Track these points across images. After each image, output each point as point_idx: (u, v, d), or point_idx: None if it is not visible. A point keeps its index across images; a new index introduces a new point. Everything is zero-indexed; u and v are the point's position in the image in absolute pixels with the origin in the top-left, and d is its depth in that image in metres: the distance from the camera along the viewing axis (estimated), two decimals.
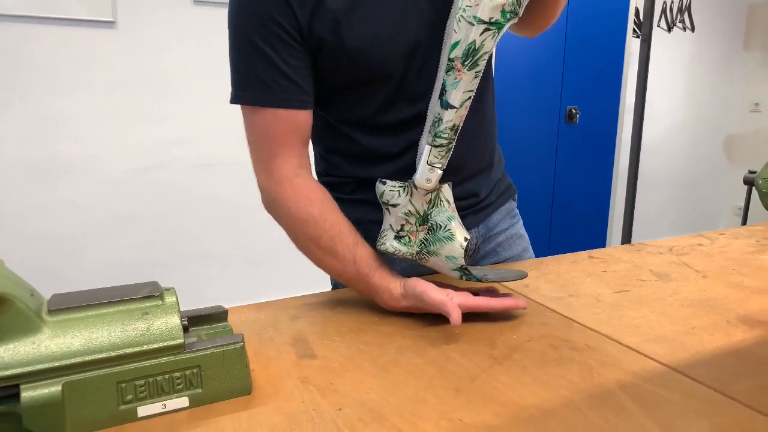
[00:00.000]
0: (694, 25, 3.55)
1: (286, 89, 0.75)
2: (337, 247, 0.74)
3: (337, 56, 0.76)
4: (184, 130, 2.43)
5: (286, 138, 0.77)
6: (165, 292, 0.53)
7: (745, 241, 1.14)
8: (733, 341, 0.67)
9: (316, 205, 0.76)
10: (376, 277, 0.74)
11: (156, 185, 2.43)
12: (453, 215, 0.72)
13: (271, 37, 0.73)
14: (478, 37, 0.65)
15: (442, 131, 0.69)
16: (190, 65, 2.38)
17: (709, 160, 4.14)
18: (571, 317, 0.74)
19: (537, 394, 0.55)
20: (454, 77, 0.66)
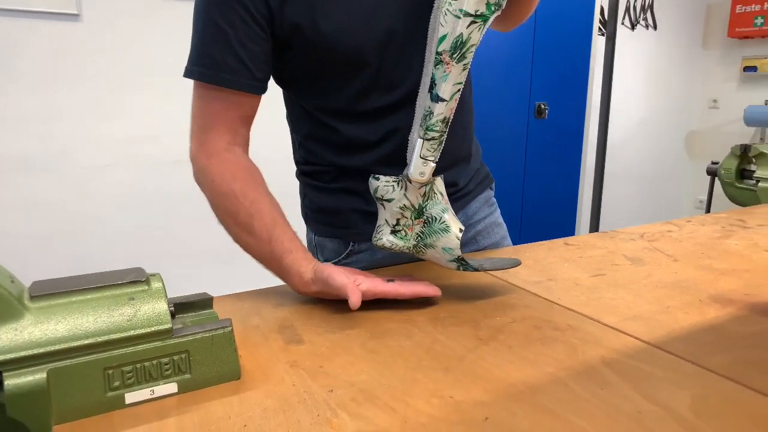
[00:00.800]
0: (656, 23, 3.65)
1: (235, 71, 0.75)
2: (253, 225, 0.73)
3: (312, 42, 0.75)
4: (153, 126, 2.38)
5: (224, 116, 0.77)
6: (151, 277, 0.52)
7: (711, 227, 1.18)
8: (706, 318, 0.70)
9: (239, 181, 0.75)
10: (288, 258, 0.72)
11: (124, 183, 2.37)
12: (447, 207, 0.73)
13: (234, 17, 0.73)
14: (465, 30, 0.66)
15: (433, 124, 0.69)
16: (158, 60, 2.33)
17: (671, 155, 4.26)
18: (552, 299, 0.76)
19: (524, 371, 0.56)
20: (443, 70, 0.67)
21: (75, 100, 2.21)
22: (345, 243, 0.88)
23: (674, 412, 0.49)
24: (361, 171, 0.85)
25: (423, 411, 0.49)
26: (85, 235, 2.34)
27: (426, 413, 0.48)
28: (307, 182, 0.91)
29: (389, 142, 0.83)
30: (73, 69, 2.18)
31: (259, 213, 0.73)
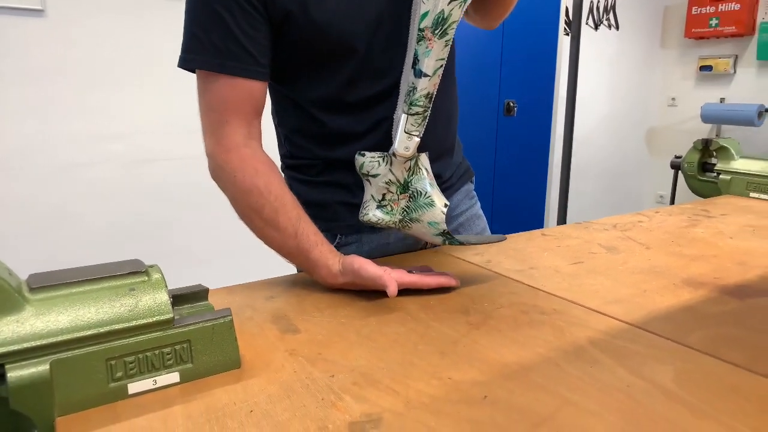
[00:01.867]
0: (618, 23, 3.76)
1: (240, 57, 0.74)
2: (279, 220, 0.74)
3: (303, 29, 0.76)
4: (123, 124, 2.33)
5: (238, 106, 0.76)
6: (150, 268, 0.52)
7: (678, 217, 1.23)
8: (681, 300, 0.73)
9: (262, 176, 0.75)
10: (315, 252, 0.74)
11: (92, 182, 2.31)
12: (432, 182, 0.75)
13: (232, 3, 0.72)
14: (446, 7, 0.67)
15: (417, 99, 0.71)
16: (125, 55, 2.28)
17: (633, 151, 4.40)
18: (536, 286, 0.78)
19: (516, 353, 0.58)
20: (426, 46, 0.69)
21: (39, 97, 2.15)
22: (332, 236, 0.89)
23: (660, 385, 0.52)
24: (348, 163, 0.86)
25: (424, 392, 0.50)
26: (47, 235, 2.27)
27: (427, 393, 0.50)
28: (293, 176, 0.91)
29: (377, 132, 0.84)
30: (37, 65, 2.11)
31: (283, 207, 0.74)
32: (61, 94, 2.19)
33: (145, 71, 2.34)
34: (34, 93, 2.14)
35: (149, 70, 2.34)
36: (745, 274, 0.84)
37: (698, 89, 4.12)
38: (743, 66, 3.84)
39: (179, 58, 0.77)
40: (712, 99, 4.02)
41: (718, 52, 3.95)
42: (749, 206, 1.37)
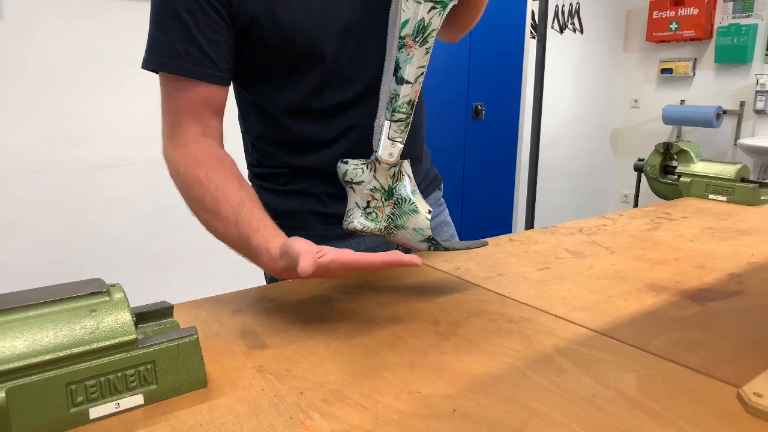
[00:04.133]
0: (582, 27, 3.84)
1: (199, 61, 0.74)
2: (220, 208, 0.70)
3: (269, 35, 0.75)
4: (80, 127, 2.27)
5: (193, 108, 0.76)
6: (111, 288, 0.51)
7: (641, 220, 1.26)
8: (644, 305, 0.75)
9: (204, 167, 0.73)
10: (257, 237, 0.67)
11: (49, 187, 2.24)
12: (415, 189, 0.75)
13: (194, 7, 0.72)
14: (426, 15, 0.68)
15: (399, 106, 0.71)
16: (85, 57, 2.22)
17: (598, 152, 4.49)
18: (504, 294, 0.79)
19: (485, 363, 0.59)
20: (407, 53, 0.69)
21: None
22: None
23: (623, 393, 0.53)
24: (316, 171, 0.86)
25: (393, 407, 0.50)
26: (6, 242, 2.20)
27: (396, 409, 0.50)
28: (260, 185, 0.90)
29: (345, 140, 0.84)
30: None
31: (224, 196, 0.70)
32: (18, 97, 2.12)
33: (104, 74, 2.28)
34: None
35: (108, 74, 2.29)
36: (704, 278, 0.87)
37: (660, 91, 4.23)
38: (702, 69, 3.97)
39: (143, 59, 0.76)
40: (673, 101, 4.14)
41: (678, 56, 4.07)
42: (708, 208, 1.41)
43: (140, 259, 2.50)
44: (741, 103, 3.77)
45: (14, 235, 2.21)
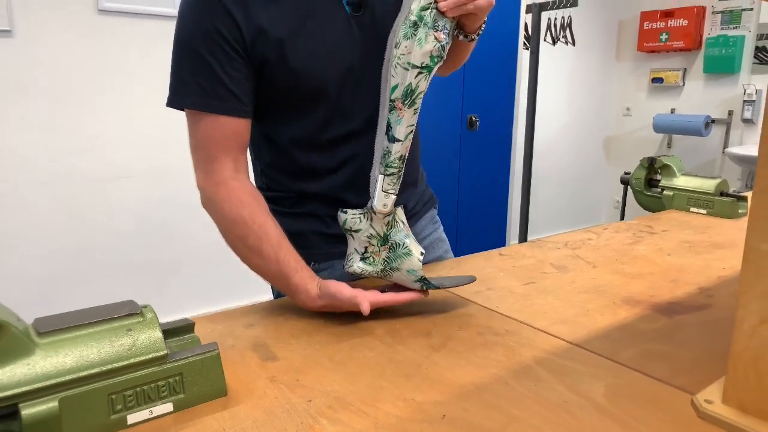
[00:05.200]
0: (574, 40, 3.93)
1: (225, 98, 0.81)
2: (262, 247, 0.80)
3: (280, 75, 0.83)
4: (86, 140, 2.34)
5: (224, 143, 0.83)
6: (144, 309, 0.58)
7: (624, 234, 1.34)
8: (618, 318, 0.83)
9: (246, 207, 0.82)
10: (296, 277, 0.80)
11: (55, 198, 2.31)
12: (408, 233, 0.82)
13: (216, 49, 0.79)
14: (414, 80, 0.75)
15: (392, 162, 0.78)
16: (91, 73, 2.29)
17: (591, 159, 4.58)
18: (491, 308, 0.87)
19: (472, 373, 0.66)
20: (397, 115, 0.76)
21: (4, 114, 2.14)
22: (307, 262, 0.96)
23: (592, 400, 0.60)
24: (320, 196, 0.94)
25: (391, 413, 0.58)
26: (20, 249, 2.26)
27: (394, 415, 0.57)
28: (269, 207, 0.98)
29: (347, 168, 0.92)
30: (4, 84, 2.11)
31: (266, 236, 0.80)
32: (27, 111, 2.19)
33: (108, 89, 2.36)
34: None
35: (112, 89, 2.36)
36: (675, 291, 0.94)
37: (651, 100, 4.32)
38: (691, 78, 4.06)
39: (168, 99, 0.83)
40: (663, 109, 4.23)
41: (668, 65, 4.16)
42: (688, 221, 1.49)
43: (143, 266, 2.57)
44: (729, 112, 3.86)
45: (22, 243, 2.27)
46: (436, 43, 0.76)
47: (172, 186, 2.46)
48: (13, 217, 2.24)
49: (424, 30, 0.76)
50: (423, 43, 0.76)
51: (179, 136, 2.56)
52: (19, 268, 2.27)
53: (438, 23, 0.77)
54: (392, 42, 0.78)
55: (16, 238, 2.25)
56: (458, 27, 0.83)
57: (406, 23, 0.77)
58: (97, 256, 2.44)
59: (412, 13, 0.77)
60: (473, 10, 0.77)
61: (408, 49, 0.76)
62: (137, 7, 2.30)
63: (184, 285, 2.69)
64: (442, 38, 0.77)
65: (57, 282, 2.35)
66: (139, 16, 2.32)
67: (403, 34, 0.76)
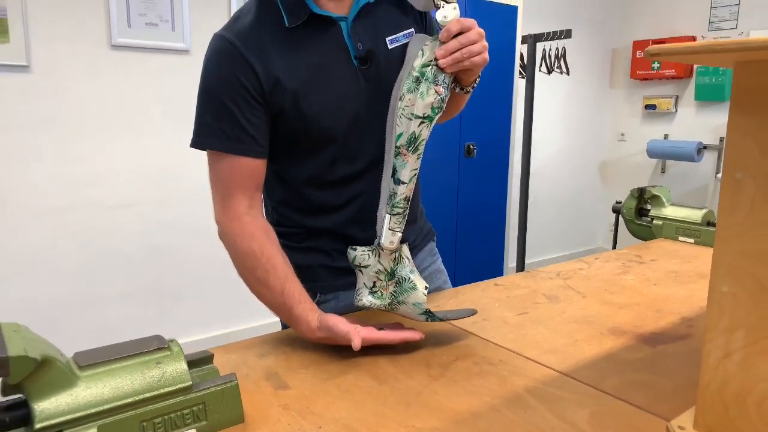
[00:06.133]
0: (569, 69, 4.04)
1: (245, 141, 0.89)
2: (269, 279, 0.87)
3: (294, 121, 0.91)
4: (100, 170, 2.41)
5: (241, 181, 0.91)
6: (170, 343, 0.64)
7: (614, 263, 1.40)
8: (604, 348, 0.89)
9: (257, 241, 0.89)
10: (299, 309, 0.86)
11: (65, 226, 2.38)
12: (413, 269, 0.88)
13: (237, 97, 0.87)
14: (417, 129, 0.83)
15: (397, 202, 0.85)
16: (104, 106, 2.38)
17: (587, 183, 4.67)
18: (486, 338, 0.93)
19: (467, 401, 0.72)
20: (402, 160, 0.84)
21: (22, 146, 2.22)
22: (313, 294, 1.02)
23: (577, 426, 0.66)
24: (327, 231, 1.00)
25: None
26: (36, 273, 2.32)
27: None
28: (280, 242, 1.04)
29: (352, 206, 0.99)
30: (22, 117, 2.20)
31: (273, 269, 0.87)
32: (41, 142, 2.27)
33: (120, 122, 2.44)
34: (16, 142, 2.21)
35: (124, 122, 2.45)
36: (659, 321, 1.01)
37: (644, 126, 4.42)
38: (683, 105, 4.16)
39: (192, 140, 0.91)
40: (657, 135, 4.32)
41: (661, 92, 4.27)
42: (677, 250, 1.55)
43: (150, 291, 2.62)
44: (721, 139, 3.95)
45: (33, 268, 2.33)
46: (436, 96, 0.84)
47: (179, 213, 2.54)
48: (25, 243, 2.30)
49: (425, 84, 0.84)
50: (425, 96, 0.83)
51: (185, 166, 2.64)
52: (30, 292, 2.32)
53: (438, 78, 0.84)
54: (397, 95, 0.86)
55: (28, 263, 2.31)
56: (455, 81, 0.91)
57: (409, 78, 0.84)
58: (106, 280, 2.50)
59: (415, 70, 0.84)
60: (469, 66, 0.85)
61: (411, 101, 0.83)
62: (148, 43, 2.40)
63: (190, 308, 2.75)
64: (442, 92, 0.84)
65: (67, 306, 2.41)
66: (150, 51, 2.42)
67: (406, 88, 0.84)
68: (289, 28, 0.89)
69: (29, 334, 0.58)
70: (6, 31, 2.06)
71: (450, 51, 0.83)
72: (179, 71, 2.50)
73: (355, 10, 0.92)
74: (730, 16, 3.87)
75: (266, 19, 0.89)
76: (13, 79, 2.14)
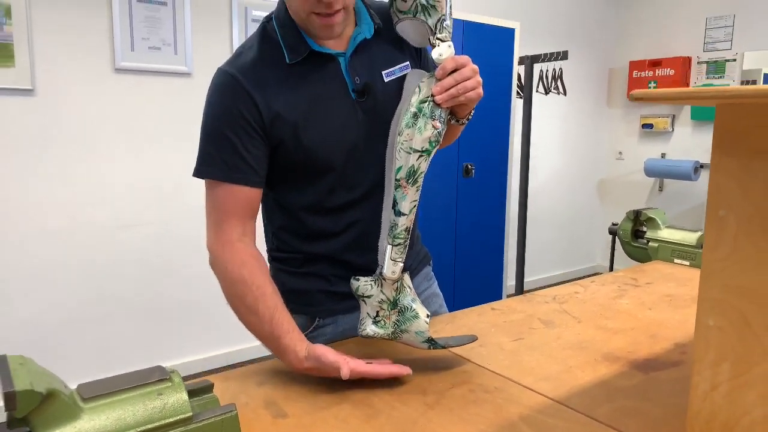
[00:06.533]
0: (566, 90, 4.09)
1: (244, 170, 0.91)
2: (258, 307, 0.87)
3: (293, 152, 0.94)
4: (101, 191, 2.44)
5: (237, 209, 0.93)
6: (172, 374, 0.66)
7: (609, 287, 1.42)
8: (598, 375, 0.90)
9: (248, 268, 0.90)
10: (287, 338, 0.85)
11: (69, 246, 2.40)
12: (415, 298, 0.90)
13: (238, 129, 0.90)
14: (415, 162, 0.85)
15: (398, 233, 0.87)
16: (106, 129, 2.41)
17: (586, 201, 4.69)
18: (482, 365, 0.94)
19: (463, 430, 0.73)
20: (402, 192, 0.86)
21: (17, 165, 2.25)
22: (312, 318, 1.04)
23: None
24: (326, 257, 1.03)
25: None
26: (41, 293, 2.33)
27: None
28: (278, 267, 1.06)
29: (350, 232, 1.02)
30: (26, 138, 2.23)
31: (263, 297, 0.88)
32: (45, 163, 2.30)
33: (123, 142, 2.48)
34: (21, 163, 2.24)
35: (126, 141, 2.48)
36: (653, 347, 1.02)
37: (642, 144, 4.46)
38: (680, 125, 4.21)
39: (195, 170, 0.94)
40: (654, 153, 4.36)
41: (657, 112, 4.32)
42: (673, 273, 1.57)
43: (151, 310, 2.63)
44: None
45: (36, 290, 2.35)
46: (433, 131, 0.87)
47: (179, 232, 2.56)
48: (29, 262, 2.32)
49: (423, 120, 0.86)
50: (423, 131, 0.86)
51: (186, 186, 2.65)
52: (32, 311, 2.33)
53: (435, 113, 0.87)
54: (395, 130, 0.89)
55: (30, 282, 2.33)
56: (451, 113, 0.94)
57: (407, 114, 0.87)
58: (108, 299, 2.51)
59: (413, 106, 0.87)
60: (464, 101, 0.88)
61: (410, 136, 0.86)
62: (151, 66, 2.44)
63: (191, 327, 2.75)
64: (439, 126, 0.87)
65: (69, 326, 2.42)
66: (152, 74, 2.46)
67: (405, 123, 0.87)
68: (289, 63, 0.92)
69: (34, 366, 0.60)
70: (11, 56, 2.10)
71: (446, 87, 0.86)
72: (181, 93, 2.54)
73: (352, 47, 0.96)
74: (725, 38, 3.93)
75: (268, 55, 0.92)
76: (18, 102, 2.17)
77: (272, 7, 0.98)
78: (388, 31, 0.99)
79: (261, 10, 2.66)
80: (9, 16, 2.08)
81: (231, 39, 2.60)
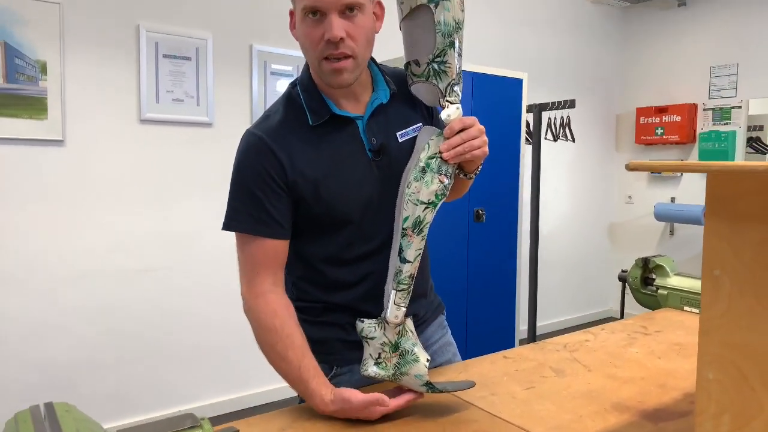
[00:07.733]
0: (574, 137, 4.18)
1: (270, 225, 0.99)
2: (288, 354, 0.96)
3: (314, 206, 1.01)
4: (122, 238, 2.52)
5: (266, 261, 1.00)
6: (202, 420, 0.70)
7: (619, 335, 1.44)
8: (608, 425, 0.93)
9: (279, 318, 0.97)
10: (313, 383, 0.94)
11: (90, 291, 2.46)
12: (416, 342, 0.95)
13: (265, 186, 0.98)
14: (422, 213, 0.91)
15: (403, 279, 0.93)
16: (132, 179, 2.52)
17: (596, 245, 4.71)
18: (494, 413, 0.97)
19: None
20: (408, 240, 0.92)
21: (45, 214, 2.34)
22: (330, 367, 1.08)
23: None
24: (343, 307, 1.08)
25: None
26: (58, 339, 2.38)
27: None
28: (298, 316, 1.11)
29: (366, 282, 1.07)
30: (55, 187, 2.33)
31: (293, 345, 0.96)
32: (70, 212, 2.39)
33: (145, 188, 2.57)
34: (51, 211, 2.34)
35: (148, 188, 2.58)
36: (662, 397, 1.04)
37: (651, 189, 4.51)
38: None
39: (224, 224, 1.01)
40: (664, 197, 4.40)
41: (665, 156, 4.37)
42: (682, 321, 1.59)
43: (170, 354, 2.67)
44: None
45: (55, 336, 2.40)
46: (440, 185, 0.93)
47: (198, 278, 2.62)
48: (53, 308, 2.38)
49: (430, 174, 0.93)
50: (429, 185, 0.93)
51: (206, 233, 2.72)
52: (47, 355, 2.38)
53: (442, 168, 0.94)
54: (404, 183, 0.95)
55: (54, 328, 2.38)
56: (459, 168, 1.00)
57: (416, 168, 0.94)
58: (127, 343, 2.55)
59: (421, 161, 0.94)
60: (470, 159, 0.95)
61: (417, 188, 0.92)
62: (174, 117, 2.56)
63: (208, 371, 2.78)
64: (445, 181, 0.94)
65: (84, 368, 2.45)
66: (175, 125, 2.58)
67: (413, 176, 0.93)
68: (312, 126, 1.00)
69: (78, 414, 0.65)
70: (45, 110, 2.22)
71: (453, 146, 0.93)
72: (202, 143, 2.64)
73: (369, 110, 1.03)
74: (729, 85, 4.02)
75: (292, 118, 1.00)
76: (49, 153, 2.29)
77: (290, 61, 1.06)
78: (403, 95, 1.07)
79: (279, 63, 2.79)
80: (45, 72, 2.22)
81: (251, 91, 2.73)
